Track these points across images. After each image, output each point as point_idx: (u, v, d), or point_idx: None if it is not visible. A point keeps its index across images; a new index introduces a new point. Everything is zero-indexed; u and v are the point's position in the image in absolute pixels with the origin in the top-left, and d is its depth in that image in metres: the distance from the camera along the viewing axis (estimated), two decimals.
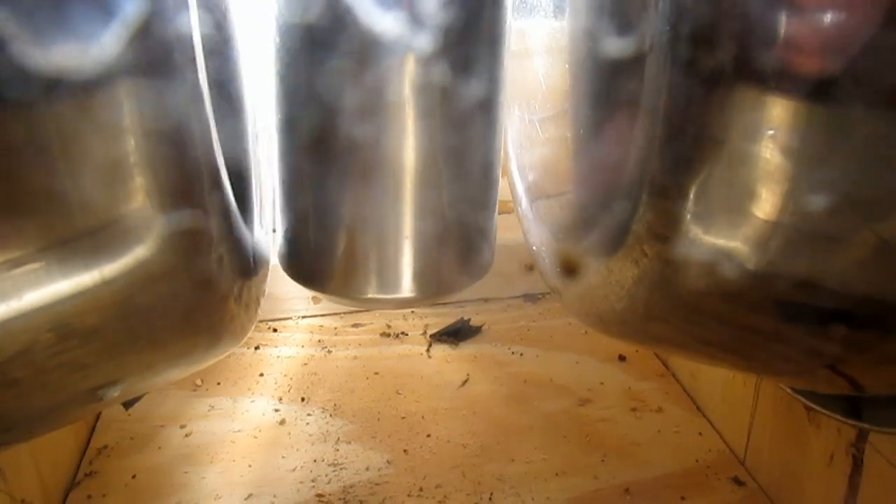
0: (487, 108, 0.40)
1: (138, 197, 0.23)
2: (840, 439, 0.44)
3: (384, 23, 0.35)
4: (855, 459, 0.43)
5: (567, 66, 0.39)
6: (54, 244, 0.23)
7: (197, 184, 0.25)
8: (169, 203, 0.24)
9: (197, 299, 0.28)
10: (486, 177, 0.43)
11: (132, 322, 0.27)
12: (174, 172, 0.24)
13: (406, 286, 0.42)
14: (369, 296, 0.42)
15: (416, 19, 0.36)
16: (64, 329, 0.25)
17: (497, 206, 0.46)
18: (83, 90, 0.21)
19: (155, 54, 0.22)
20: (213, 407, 0.62)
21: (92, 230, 0.23)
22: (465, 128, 0.40)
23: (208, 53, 0.28)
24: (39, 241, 0.23)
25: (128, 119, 0.22)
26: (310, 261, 0.43)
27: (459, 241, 0.43)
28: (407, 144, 0.38)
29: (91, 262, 0.24)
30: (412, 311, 0.76)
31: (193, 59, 0.24)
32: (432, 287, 0.43)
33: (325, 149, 0.39)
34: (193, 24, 0.24)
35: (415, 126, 0.38)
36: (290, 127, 0.40)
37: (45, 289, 0.23)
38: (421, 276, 0.42)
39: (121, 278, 0.24)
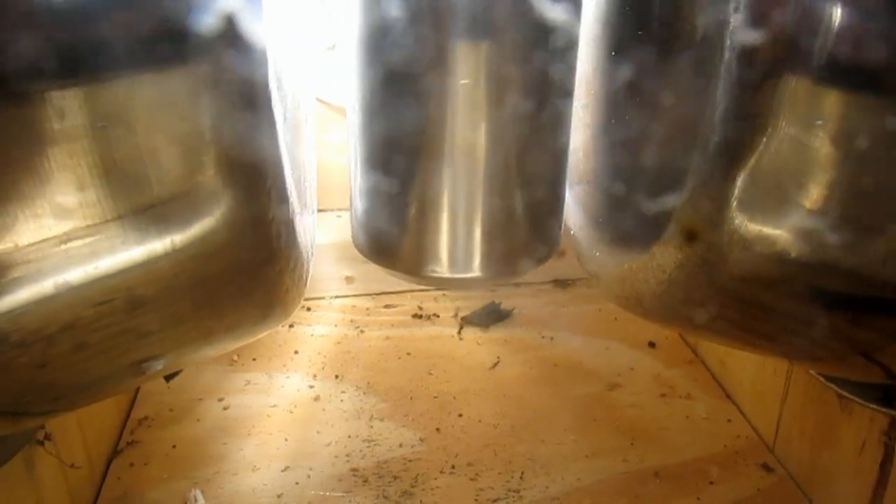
0: (561, 92, 0.41)
1: (210, 170, 0.25)
2: (872, 427, 0.45)
3: (463, 4, 0.36)
4: (887, 448, 0.44)
5: (613, 52, 0.39)
6: (131, 212, 0.24)
7: (262, 162, 0.27)
8: (237, 177, 0.25)
9: (257, 271, 0.30)
10: (557, 160, 0.43)
11: (197, 291, 0.28)
12: (243, 149, 0.25)
13: (475, 266, 0.42)
14: (440, 275, 0.43)
15: (492, 2, 0.36)
16: (135, 296, 0.26)
17: (566, 189, 0.46)
18: (168, 65, 0.22)
19: (235, 36, 0.23)
20: (249, 382, 0.63)
21: (166, 200, 0.24)
22: (538, 111, 0.40)
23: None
24: (117, 210, 0.24)
25: (205, 96, 0.23)
26: (383, 238, 0.44)
27: (529, 223, 0.43)
28: (481, 126, 0.39)
29: (164, 230, 0.25)
30: (443, 294, 0.77)
31: (264, 42, 0.25)
32: (501, 268, 0.44)
33: (400, 129, 0.40)
34: (266, 11, 0.25)
35: (489, 108, 0.39)
36: (368, 107, 0.41)
37: (120, 255, 0.25)
38: (490, 257, 0.43)
39: (190, 247, 0.25)
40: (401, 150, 0.40)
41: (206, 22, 0.23)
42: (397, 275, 0.44)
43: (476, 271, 0.42)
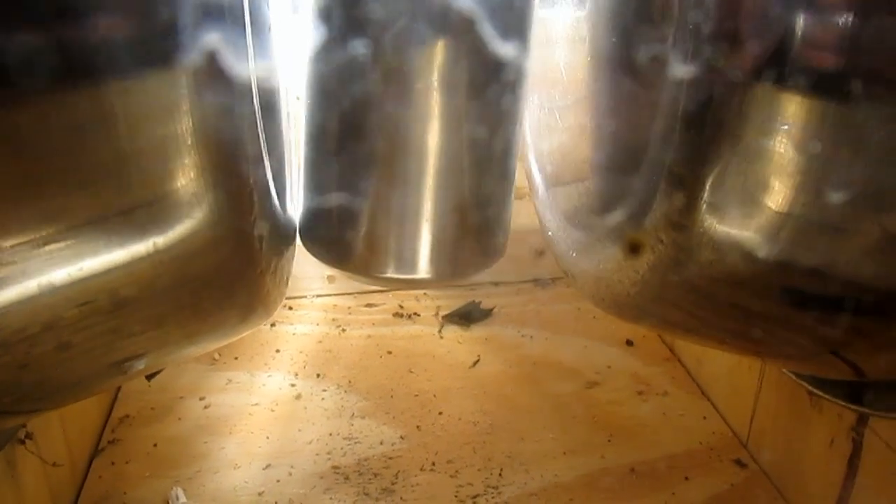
0: (510, 98, 0.41)
1: (191, 173, 0.25)
2: (841, 423, 0.46)
3: (416, 9, 0.37)
4: (855, 443, 0.45)
5: (589, 58, 0.40)
6: (114, 214, 0.24)
7: (244, 164, 0.27)
8: (219, 180, 0.26)
9: (239, 273, 0.30)
10: (505, 164, 0.44)
11: (179, 292, 0.28)
12: (225, 152, 0.26)
13: (423, 267, 0.43)
14: (387, 275, 0.43)
15: (446, 7, 0.37)
16: (117, 296, 0.27)
17: (513, 194, 0.47)
18: (152, 69, 0.23)
19: (216, 40, 0.24)
20: (230, 381, 0.64)
21: (148, 202, 0.25)
22: (488, 116, 0.41)
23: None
24: (101, 211, 0.24)
25: (188, 101, 0.24)
26: (330, 239, 0.44)
27: (476, 225, 0.44)
28: (431, 130, 0.40)
29: (146, 232, 0.25)
30: (424, 293, 0.78)
31: (246, 46, 0.25)
32: (448, 269, 0.45)
33: (350, 131, 0.40)
34: (246, 13, 0.25)
35: (440, 112, 0.39)
36: (317, 109, 0.41)
37: (103, 257, 0.25)
38: (438, 259, 0.44)
39: (172, 249, 0.26)
40: (351, 154, 0.41)
41: (191, 26, 0.24)
42: (347, 275, 0.45)
43: (423, 273, 0.43)
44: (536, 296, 0.80)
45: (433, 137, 0.40)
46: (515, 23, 0.39)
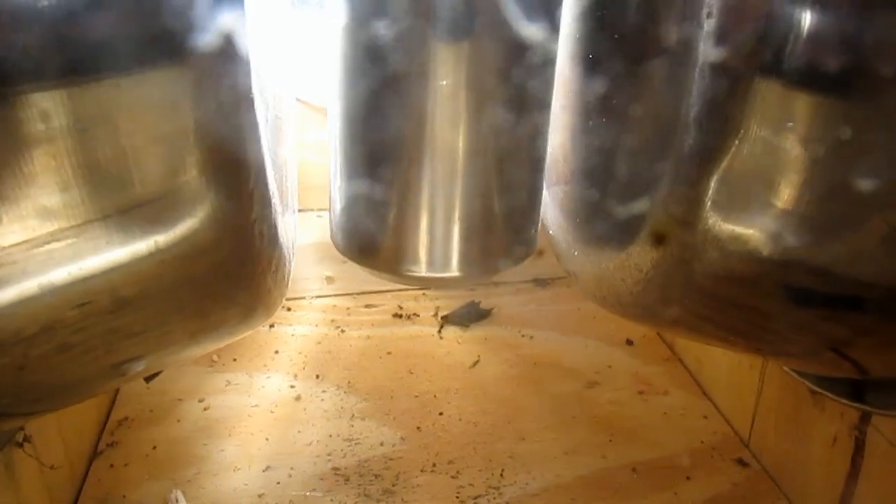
0: (539, 94, 0.41)
1: (193, 171, 0.25)
2: (843, 422, 0.46)
3: (443, 7, 0.36)
4: (857, 441, 0.45)
5: (590, 55, 0.40)
6: (115, 213, 0.24)
7: (245, 163, 0.27)
8: (220, 179, 0.26)
9: (240, 272, 0.30)
10: (534, 162, 0.44)
11: (180, 292, 0.28)
12: (227, 150, 0.26)
13: (454, 266, 0.43)
14: (419, 274, 0.43)
15: (474, 3, 0.37)
16: (118, 296, 0.26)
17: (542, 191, 0.47)
18: (152, 68, 0.23)
19: (220, 37, 0.23)
20: (229, 382, 0.64)
21: (150, 200, 0.25)
22: (516, 113, 0.40)
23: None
24: (102, 210, 0.24)
25: (190, 98, 0.23)
26: (363, 238, 0.44)
27: (506, 223, 0.44)
28: (460, 128, 0.39)
29: (148, 231, 0.25)
30: (423, 293, 0.78)
31: (247, 46, 0.25)
32: (479, 268, 0.44)
33: (380, 130, 0.40)
34: (248, 15, 0.25)
35: (468, 110, 0.39)
36: (348, 108, 0.41)
37: (104, 256, 0.25)
38: (468, 257, 0.43)
39: (174, 248, 0.26)
40: (381, 151, 0.40)
41: (191, 24, 0.24)
42: (376, 273, 0.45)
43: (454, 271, 0.43)
44: (536, 295, 0.80)
45: (462, 136, 0.40)
46: (544, 13, 0.39)
